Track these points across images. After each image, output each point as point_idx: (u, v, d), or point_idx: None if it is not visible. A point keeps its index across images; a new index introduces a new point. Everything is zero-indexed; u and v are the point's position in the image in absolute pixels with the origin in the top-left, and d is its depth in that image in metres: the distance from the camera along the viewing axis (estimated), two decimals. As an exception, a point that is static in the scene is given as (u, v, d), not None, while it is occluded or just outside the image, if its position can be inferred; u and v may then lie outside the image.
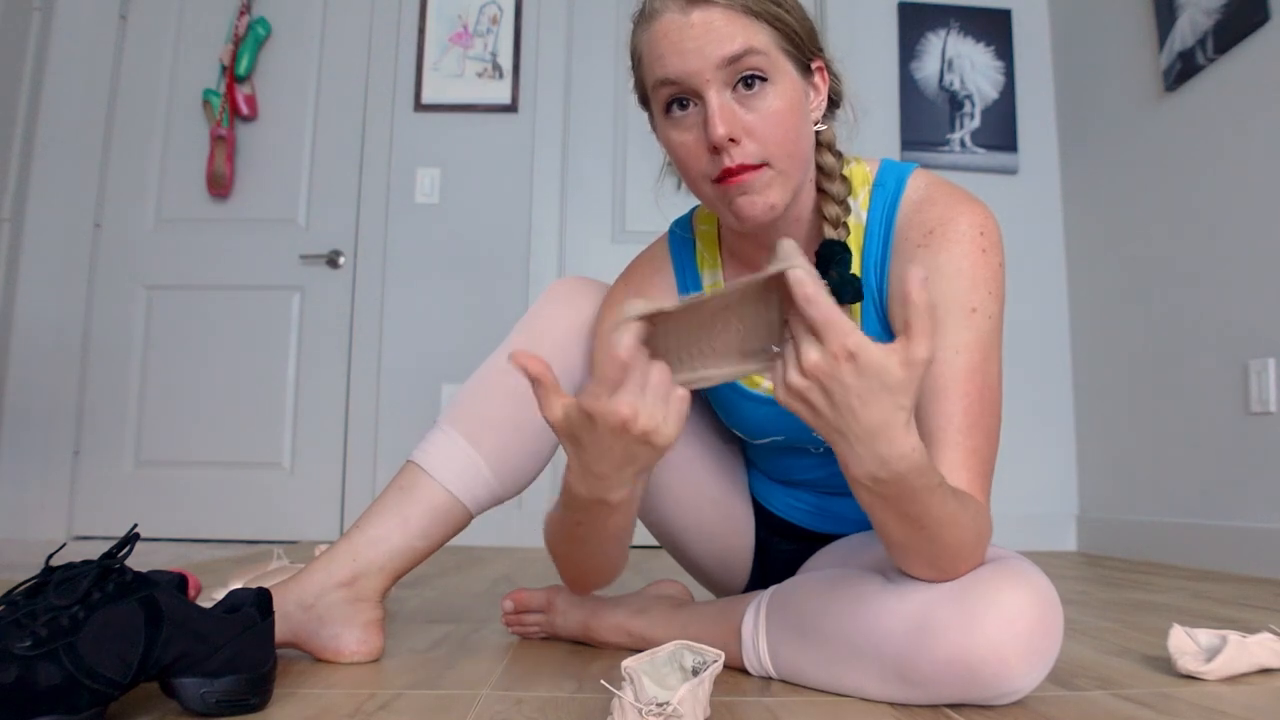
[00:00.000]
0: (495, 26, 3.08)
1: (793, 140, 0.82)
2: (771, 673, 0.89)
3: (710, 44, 0.79)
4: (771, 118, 0.80)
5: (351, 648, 0.97)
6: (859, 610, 0.79)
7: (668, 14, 0.80)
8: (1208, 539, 2.30)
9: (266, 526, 2.87)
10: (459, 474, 0.99)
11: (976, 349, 0.82)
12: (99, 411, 2.92)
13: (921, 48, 3.09)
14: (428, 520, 0.99)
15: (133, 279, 2.99)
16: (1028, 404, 2.97)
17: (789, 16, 0.82)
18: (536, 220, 3.00)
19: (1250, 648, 0.95)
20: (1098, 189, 2.89)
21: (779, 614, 0.88)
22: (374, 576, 0.98)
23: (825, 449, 1.00)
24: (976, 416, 0.80)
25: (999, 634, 0.72)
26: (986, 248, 0.85)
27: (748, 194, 0.81)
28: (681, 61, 0.79)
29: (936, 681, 0.75)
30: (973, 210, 0.86)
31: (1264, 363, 2.14)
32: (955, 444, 0.80)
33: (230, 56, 2.98)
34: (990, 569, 0.76)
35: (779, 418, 0.97)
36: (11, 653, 0.64)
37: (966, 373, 0.81)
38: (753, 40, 0.79)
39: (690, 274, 1.02)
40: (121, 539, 0.73)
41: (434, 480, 0.99)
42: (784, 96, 0.81)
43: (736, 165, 0.80)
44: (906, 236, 0.87)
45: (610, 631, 1.06)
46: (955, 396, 0.80)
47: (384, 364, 2.94)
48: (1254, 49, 2.20)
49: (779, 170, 0.82)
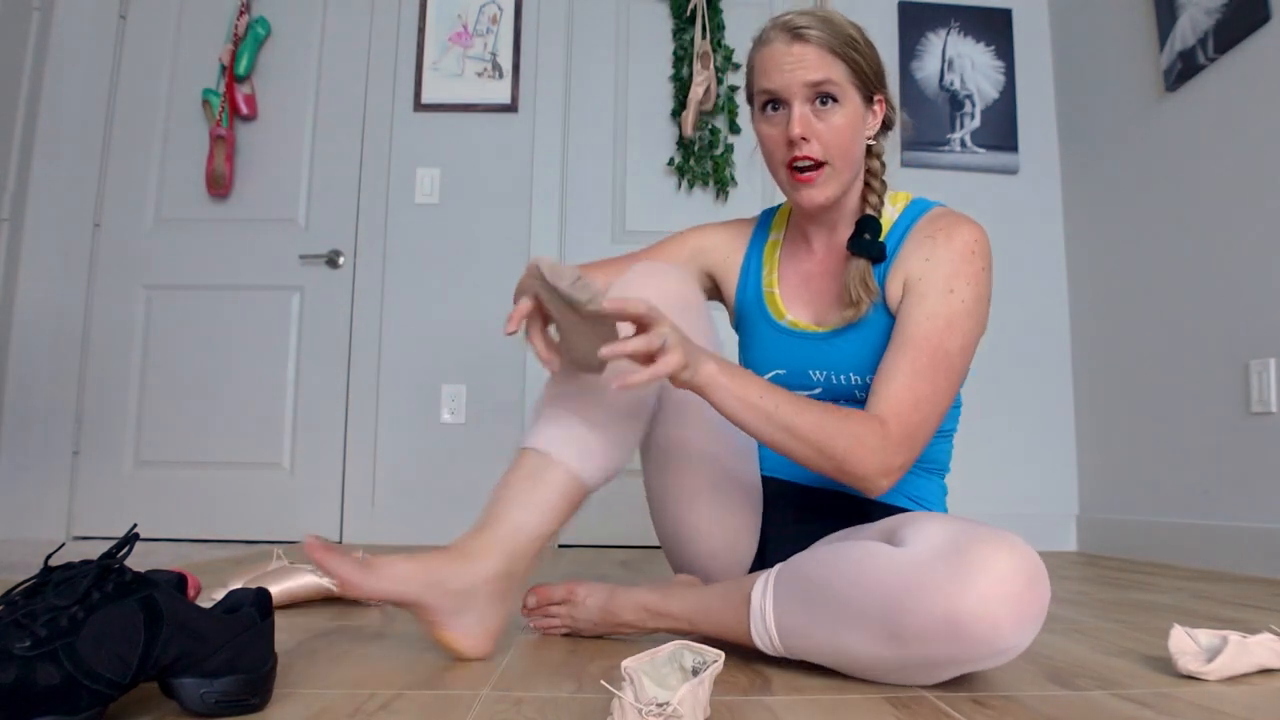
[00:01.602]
0: (495, 26, 3.08)
1: (847, 147, 1.11)
2: (776, 639, 0.93)
3: (801, 70, 1.08)
4: (835, 129, 1.10)
5: (471, 643, 0.99)
6: (859, 571, 0.86)
7: (777, 42, 1.11)
8: (1208, 539, 2.30)
9: (266, 526, 2.87)
10: (579, 455, 1.03)
11: (943, 318, 1.05)
12: (99, 411, 2.92)
13: (922, 47, 3.09)
14: (562, 504, 1.03)
15: (132, 279, 2.99)
16: (1028, 404, 2.97)
17: (863, 61, 1.11)
18: (536, 220, 3.00)
19: (1250, 648, 0.95)
20: (1098, 189, 2.89)
21: (787, 582, 0.93)
22: (522, 566, 1.02)
23: (820, 389, 1.17)
24: (924, 368, 1.02)
25: (989, 593, 0.78)
26: (975, 251, 1.09)
27: (810, 188, 1.11)
28: (780, 78, 1.09)
29: (926, 639, 0.80)
30: (972, 227, 1.11)
31: (1264, 363, 2.14)
32: (898, 383, 1.02)
33: (230, 56, 2.98)
34: (982, 535, 0.82)
35: (786, 349, 1.19)
36: (11, 653, 0.64)
37: (928, 333, 1.04)
38: (831, 73, 1.09)
39: (764, 229, 1.31)
40: (121, 539, 0.73)
41: (560, 464, 1.02)
42: (847, 116, 1.10)
43: (803, 155, 1.09)
44: (920, 231, 1.13)
45: (630, 610, 1.09)
46: (912, 348, 1.04)
47: (384, 364, 2.94)
48: (1254, 49, 2.20)
49: (834, 169, 1.11)
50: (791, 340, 1.18)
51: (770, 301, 1.22)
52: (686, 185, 3.03)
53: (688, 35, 3.04)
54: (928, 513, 0.93)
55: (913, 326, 1.04)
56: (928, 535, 0.85)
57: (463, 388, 2.93)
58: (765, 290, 1.23)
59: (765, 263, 1.26)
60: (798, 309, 1.20)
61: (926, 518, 0.89)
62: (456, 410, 2.92)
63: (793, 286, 1.22)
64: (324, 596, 1.43)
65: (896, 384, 1.02)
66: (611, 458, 1.06)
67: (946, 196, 1.75)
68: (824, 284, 1.19)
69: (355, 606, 1.44)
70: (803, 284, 1.21)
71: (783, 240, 1.27)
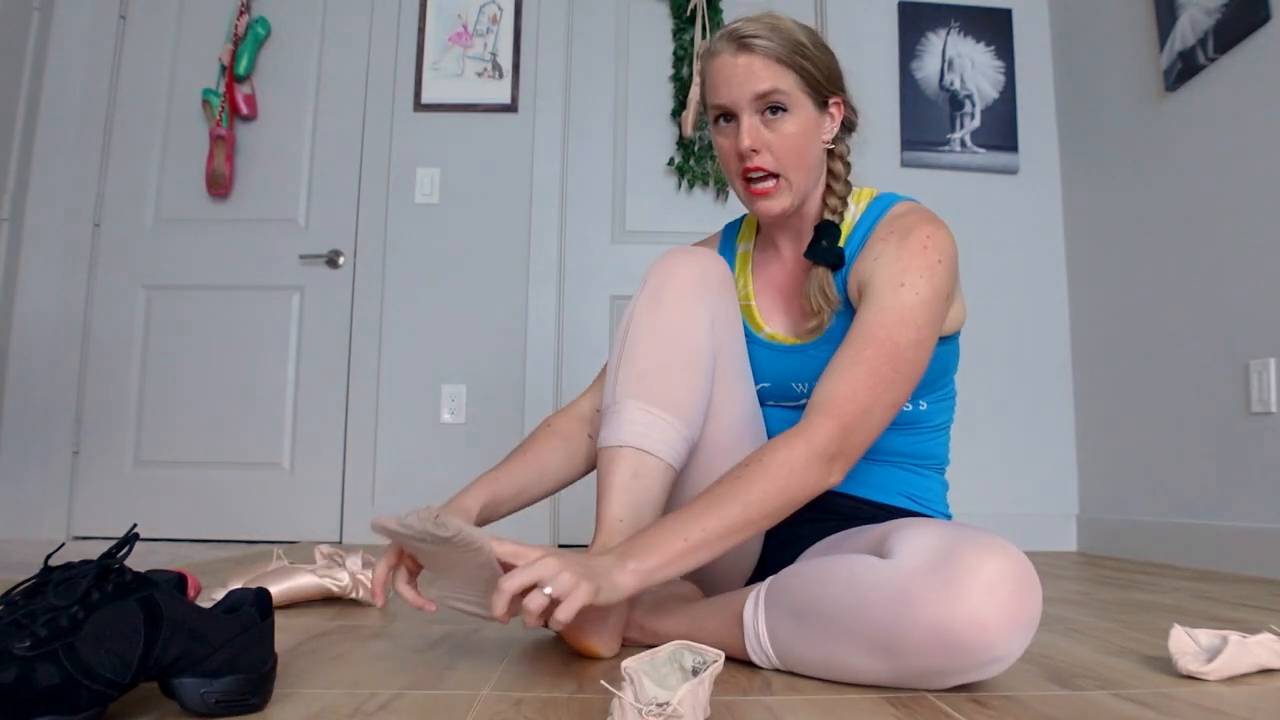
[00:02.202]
0: (495, 26, 3.08)
1: (800, 155, 1.10)
2: (771, 655, 0.93)
3: (748, 82, 1.07)
4: (785, 137, 1.08)
5: (606, 643, 1.02)
6: (848, 587, 0.85)
7: (724, 55, 1.09)
8: (1208, 539, 2.30)
9: (266, 526, 2.87)
10: (669, 444, 1.05)
11: (894, 312, 1.01)
12: (99, 411, 2.92)
13: (922, 47, 3.09)
14: (664, 496, 1.06)
15: (132, 279, 2.99)
16: (1028, 404, 2.97)
17: (811, 67, 1.09)
18: (536, 220, 3.00)
19: (1251, 648, 0.95)
20: (1098, 189, 2.89)
21: (777, 598, 0.93)
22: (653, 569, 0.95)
23: (805, 400, 1.14)
24: (867, 359, 0.99)
25: (980, 601, 0.77)
26: (929, 246, 1.05)
27: (765, 200, 1.11)
28: (727, 91, 1.08)
29: (920, 652, 0.80)
30: (932, 224, 1.07)
31: (1264, 363, 2.14)
32: (834, 375, 0.99)
33: (230, 56, 2.98)
34: (970, 542, 0.81)
35: (768, 362, 1.18)
36: (11, 653, 0.64)
37: (874, 326, 1.01)
38: (778, 83, 1.07)
39: (730, 243, 1.30)
40: (121, 539, 0.73)
41: (659, 460, 1.05)
42: (798, 124, 1.09)
43: (754, 167, 1.08)
44: (878, 232, 1.10)
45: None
46: (857, 341, 1.01)
47: (384, 364, 2.94)
48: (1255, 49, 2.20)
49: (788, 180, 1.10)
50: (772, 354, 1.18)
51: (749, 314, 1.22)
52: (686, 185, 3.03)
53: (688, 35, 3.04)
54: (917, 519, 0.93)
55: (863, 323, 1.02)
56: (915, 545, 0.84)
57: (463, 388, 2.93)
58: (743, 303, 1.23)
59: (740, 275, 1.25)
60: (775, 320, 1.20)
61: (915, 525, 0.89)
62: (456, 410, 2.92)
63: (768, 298, 1.21)
64: (324, 596, 1.43)
65: (834, 378, 0.99)
66: (694, 435, 1.09)
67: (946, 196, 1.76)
68: (794, 293, 1.19)
69: (355, 606, 1.44)
70: (777, 294, 1.21)
71: (752, 251, 1.26)
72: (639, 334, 1.09)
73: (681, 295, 1.09)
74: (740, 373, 1.16)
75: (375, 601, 0.97)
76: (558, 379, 2.94)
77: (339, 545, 2.79)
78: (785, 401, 1.19)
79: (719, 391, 1.12)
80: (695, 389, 1.08)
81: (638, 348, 1.09)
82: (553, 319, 2.95)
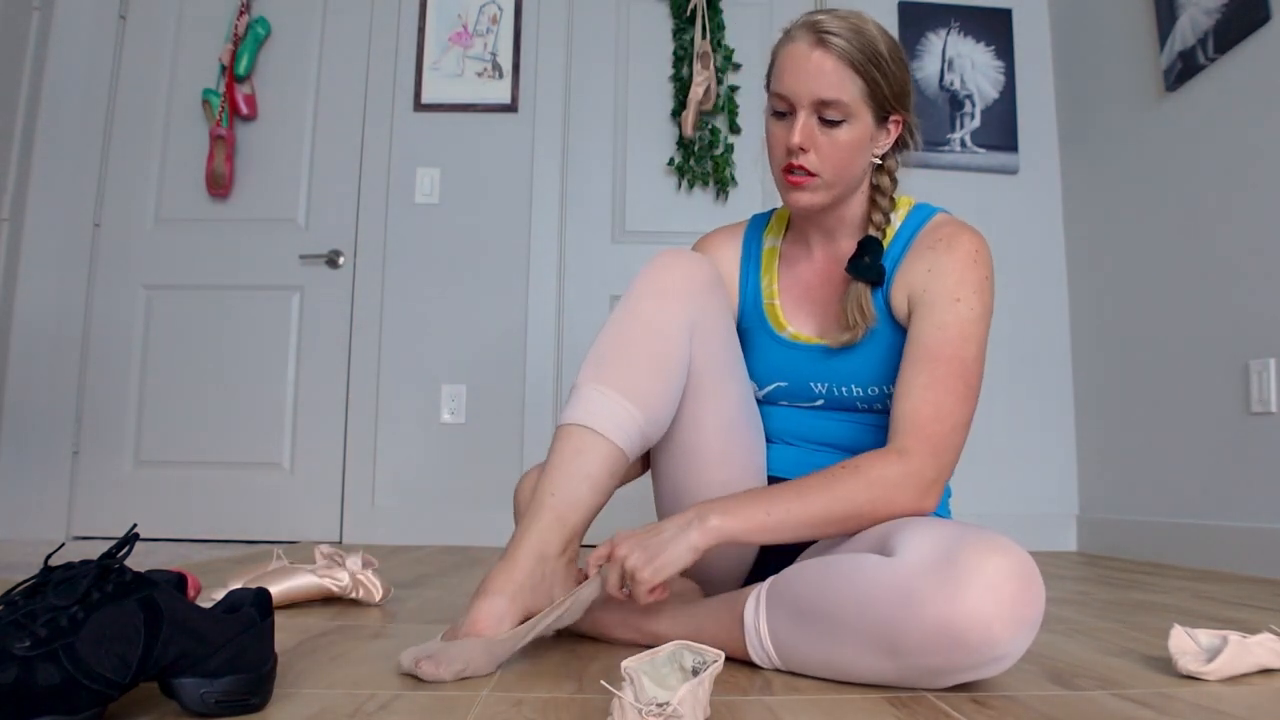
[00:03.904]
0: (495, 26, 3.08)
1: (844, 166, 1.09)
2: (774, 655, 0.93)
3: (815, 81, 1.05)
4: (836, 146, 1.08)
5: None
6: (850, 586, 0.85)
7: (799, 43, 1.07)
8: (1208, 539, 2.30)
9: (266, 526, 2.87)
10: (621, 427, 1.04)
11: (954, 327, 1.03)
12: (99, 411, 2.92)
13: (922, 47, 3.09)
14: (608, 476, 1.05)
15: (132, 278, 2.99)
16: (1028, 404, 2.97)
17: (882, 79, 1.07)
18: (536, 220, 3.00)
19: (1251, 648, 0.95)
20: (1098, 189, 2.89)
21: (779, 597, 0.93)
22: (578, 538, 1.05)
23: (822, 401, 1.17)
24: (941, 378, 1.01)
25: (982, 600, 0.78)
26: (978, 261, 1.07)
27: (799, 191, 1.10)
28: (792, 83, 1.07)
29: (923, 650, 0.80)
30: (973, 236, 1.10)
31: (1264, 363, 2.14)
32: (916, 397, 1.00)
33: (230, 56, 2.98)
34: (973, 540, 0.81)
35: (787, 361, 1.18)
36: (10, 653, 0.64)
37: (941, 343, 1.02)
38: (844, 93, 1.05)
39: (756, 236, 1.29)
40: (121, 539, 0.73)
41: (604, 438, 1.03)
42: (852, 134, 1.08)
43: (798, 165, 1.08)
44: (922, 242, 1.11)
45: (619, 627, 1.09)
46: (928, 360, 1.02)
47: (384, 364, 2.94)
48: (1254, 49, 2.20)
49: (825, 183, 1.10)
50: (793, 353, 1.18)
51: (771, 313, 1.21)
52: (686, 185, 3.03)
53: (688, 35, 3.03)
54: (919, 518, 0.93)
55: (926, 339, 1.03)
56: (917, 543, 0.84)
57: (463, 388, 2.93)
58: (766, 301, 1.22)
59: (764, 273, 1.24)
60: (800, 321, 1.19)
61: (917, 524, 0.89)
62: (456, 410, 2.92)
63: (794, 298, 1.20)
64: (324, 596, 1.43)
65: (914, 398, 1.00)
66: (655, 430, 1.08)
67: (946, 196, 1.75)
68: (825, 295, 1.18)
69: (355, 606, 1.44)
70: (804, 295, 1.20)
71: (781, 248, 1.25)
72: (610, 326, 1.10)
73: (660, 294, 1.09)
74: (729, 376, 1.15)
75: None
76: (558, 379, 2.94)
77: (339, 545, 2.79)
78: (800, 402, 1.19)
79: (704, 395, 1.11)
80: (660, 383, 1.06)
81: (605, 337, 1.09)
82: (553, 319, 2.95)
